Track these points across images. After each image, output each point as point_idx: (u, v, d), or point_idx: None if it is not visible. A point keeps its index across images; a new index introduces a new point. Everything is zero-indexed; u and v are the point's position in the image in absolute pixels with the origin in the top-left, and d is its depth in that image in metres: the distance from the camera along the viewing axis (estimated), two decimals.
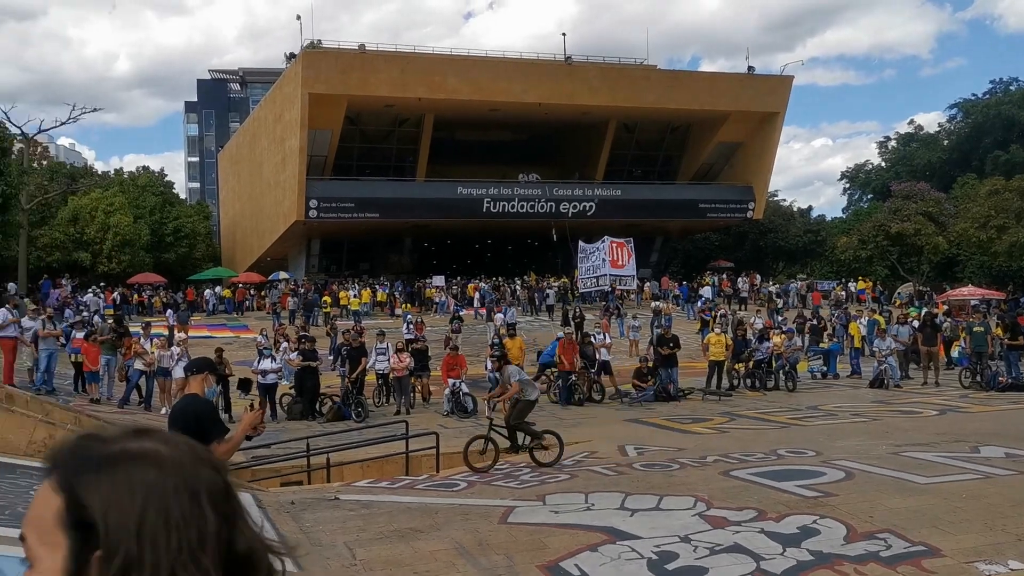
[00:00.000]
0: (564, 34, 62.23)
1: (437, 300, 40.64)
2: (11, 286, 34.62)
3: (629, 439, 13.68)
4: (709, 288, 41.88)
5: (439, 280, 43.17)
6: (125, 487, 0.95)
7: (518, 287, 42.85)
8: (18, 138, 42.28)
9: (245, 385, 8.59)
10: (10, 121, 40.08)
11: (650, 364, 20.26)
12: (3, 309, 17.67)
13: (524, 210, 48.46)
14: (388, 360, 19.21)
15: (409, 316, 30.97)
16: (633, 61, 52.63)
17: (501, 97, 45.27)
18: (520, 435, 12.04)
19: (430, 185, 48.58)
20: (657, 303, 36.67)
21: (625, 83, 48.08)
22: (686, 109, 49.19)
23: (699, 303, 37.37)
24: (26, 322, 17.65)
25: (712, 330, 23.79)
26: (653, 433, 14.71)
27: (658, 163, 56.55)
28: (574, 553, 6.69)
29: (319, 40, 44.24)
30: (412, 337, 24.35)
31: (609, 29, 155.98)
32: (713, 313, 31.15)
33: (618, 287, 38.34)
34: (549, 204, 48.34)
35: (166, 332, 24.68)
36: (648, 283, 44.86)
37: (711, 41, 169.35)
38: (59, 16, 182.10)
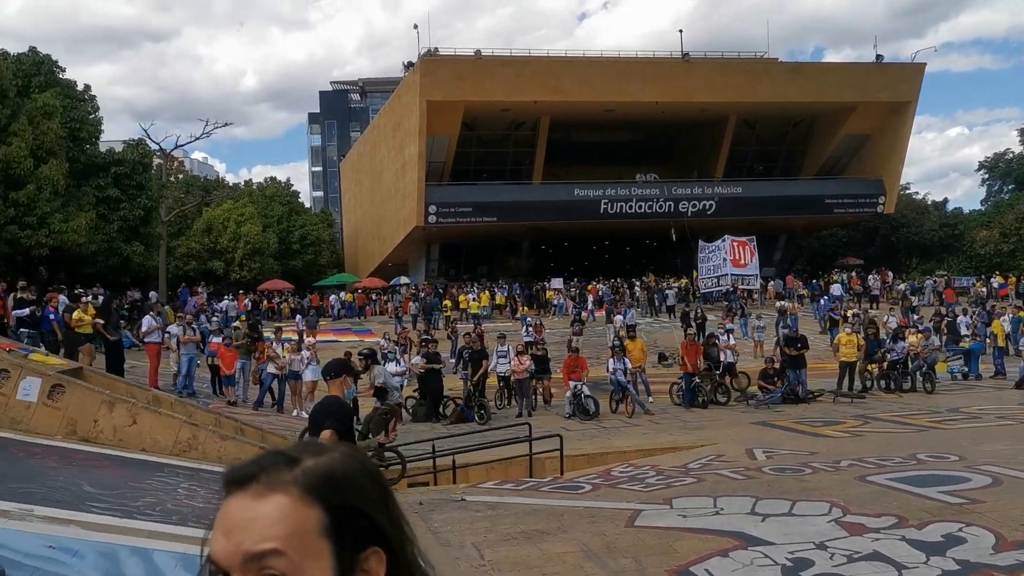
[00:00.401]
0: (681, 31, 61.07)
1: (556, 302, 40.69)
2: (152, 294, 36.62)
3: (757, 442, 13.34)
4: (838, 286, 40.43)
5: (557, 282, 43.20)
6: (367, 493, 1.01)
7: (637, 288, 42.45)
8: (157, 154, 44.70)
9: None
10: (149, 138, 42.49)
11: (776, 365, 19.72)
12: (148, 316, 18.71)
13: (642, 210, 47.98)
14: (509, 362, 19.36)
15: (528, 319, 31.13)
16: (753, 55, 51.31)
17: (617, 97, 44.98)
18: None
19: (547, 187, 48.66)
20: (782, 303, 35.68)
21: (744, 78, 46.97)
22: (810, 102, 47.65)
23: (822, 301, 36.07)
24: (173, 328, 18.62)
25: (842, 330, 22.95)
26: (782, 436, 14.29)
27: (781, 158, 55.05)
28: (704, 558, 6.56)
29: (435, 48, 44.92)
30: (531, 340, 24.48)
31: (727, 24, 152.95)
32: (843, 312, 30.06)
33: (740, 287, 37.69)
34: (668, 204, 47.74)
35: (295, 337, 25.55)
36: (772, 282, 43.69)
37: (835, 30, 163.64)
38: (191, 36, 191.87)
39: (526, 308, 39.57)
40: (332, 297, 43.01)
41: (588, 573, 6.39)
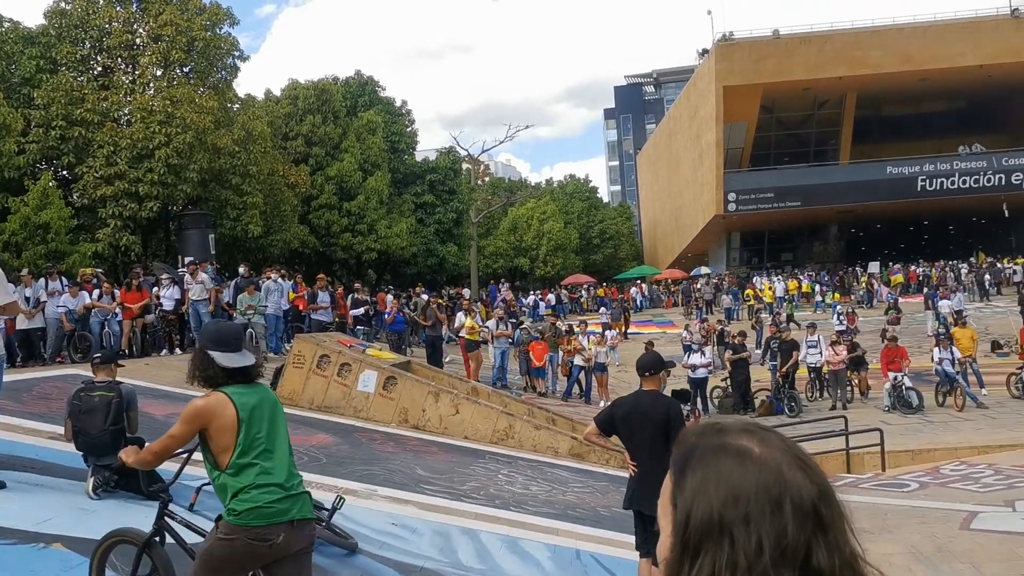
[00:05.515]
0: None
1: (861, 292, 38.12)
2: (465, 292, 39.13)
3: None
4: None
5: (874, 267, 40.61)
6: (712, 479, 0.98)
7: (963, 271, 38.61)
8: (465, 159, 47.74)
9: (683, 395, 8.84)
10: (459, 145, 45.50)
11: None
12: (460, 313, 20.04)
13: (966, 185, 43.89)
14: (820, 353, 18.52)
15: (839, 307, 29.59)
16: None
17: (933, 64, 41.43)
18: None
19: (855, 167, 46.08)
20: None
21: None
22: None
23: None
24: (489, 324, 19.82)
25: None
26: None
27: None
28: None
29: (731, 32, 43.89)
30: (843, 329, 23.23)
31: None
32: None
33: None
34: (997, 176, 43.31)
35: (599, 330, 26.14)
36: None
37: None
38: (492, 45, 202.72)
39: (836, 295, 37.50)
40: (632, 290, 43.48)
41: None
